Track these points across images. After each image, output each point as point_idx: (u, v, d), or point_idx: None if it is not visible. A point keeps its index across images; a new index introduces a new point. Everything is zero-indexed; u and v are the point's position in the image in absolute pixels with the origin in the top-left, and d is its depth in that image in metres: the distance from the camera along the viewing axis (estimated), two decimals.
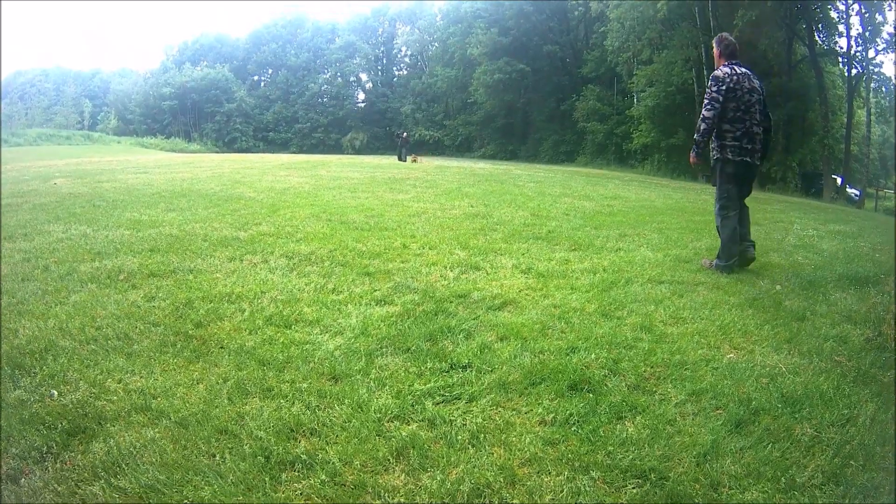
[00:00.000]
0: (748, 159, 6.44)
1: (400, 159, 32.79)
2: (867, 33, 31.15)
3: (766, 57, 33.74)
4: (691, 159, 6.77)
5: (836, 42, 33.86)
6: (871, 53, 31.59)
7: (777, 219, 12.47)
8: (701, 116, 6.36)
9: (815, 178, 32.92)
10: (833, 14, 33.06)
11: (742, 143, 6.37)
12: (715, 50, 6.69)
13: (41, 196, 10.17)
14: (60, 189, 11.24)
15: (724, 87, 6.23)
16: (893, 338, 4.47)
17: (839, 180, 32.66)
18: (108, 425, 2.88)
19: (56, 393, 3.15)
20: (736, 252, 6.48)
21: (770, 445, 2.94)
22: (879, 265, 7.47)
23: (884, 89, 33.04)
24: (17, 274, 5.23)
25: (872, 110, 33.36)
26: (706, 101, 6.33)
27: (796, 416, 3.23)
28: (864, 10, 30.89)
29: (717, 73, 6.36)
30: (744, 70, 6.39)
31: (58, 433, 2.79)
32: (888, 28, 30.91)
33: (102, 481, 2.49)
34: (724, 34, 6.89)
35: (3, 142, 43.40)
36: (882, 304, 5.46)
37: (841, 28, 32.86)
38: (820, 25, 33.52)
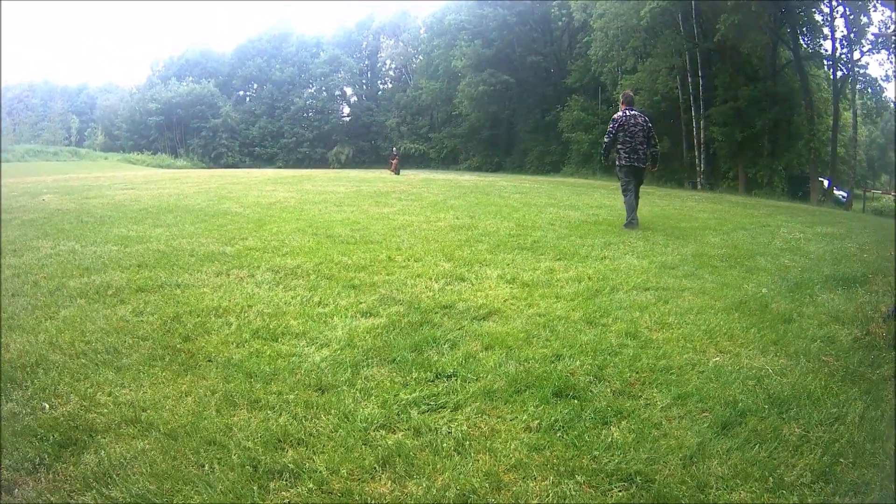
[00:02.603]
0: (635, 164, 10.43)
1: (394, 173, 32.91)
2: (852, 35, 31.16)
3: (750, 62, 33.82)
4: (603, 162, 12.14)
5: (821, 45, 33.73)
6: (857, 55, 31.70)
7: (764, 223, 12.55)
8: (603, 143, 10.88)
9: (802, 181, 32.83)
10: (817, 17, 32.93)
11: (630, 155, 10.39)
12: (621, 100, 10.94)
13: (30, 212, 10.17)
14: (49, 205, 11.22)
15: (616, 125, 10.36)
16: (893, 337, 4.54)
17: (826, 183, 32.60)
18: (99, 437, 2.92)
19: (47, 406, 3.19)
20: (633, 215, 10.36)
21: (757, 446, 2.98)
22: (867, 265, 7.57)
23: (870, 90, 33.02)
24: (8, 289, 5.25)
25: (858, 112, 33.40)
26: (606, 134, 10.53)
27: (784, 416, 3.29)
28: (848, 12, 30.95)
29: (615, 115, 10.56)
30: (633, 112, 10.48)
31: (50, 445, 2.83)
32: (873, 29, 31.05)
33: (94, 492, 2.52)
34: (627, 90, 11.89)
35: (1, 150, 42.72)
36: (870, 304, 5.53)
37: (826, 31, 32.83)
38: (804, 28, 33.34)
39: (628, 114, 10.44)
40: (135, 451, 2.80)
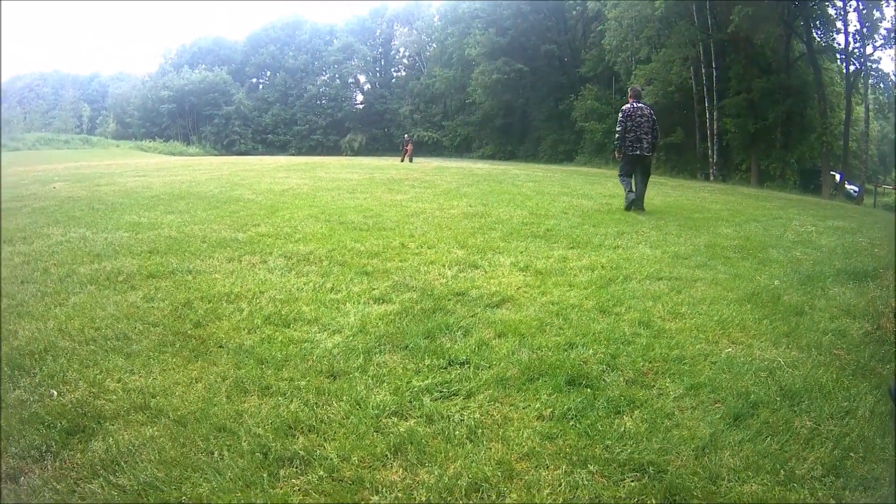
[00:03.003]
0: (637, 152, 11.20)
1: (402, 160, 32.81)
2: (865, 30, 30.89)
3: (763, 54, 33.57)
4: (616, 156, 11.97)
5: (834, 39, 33.45)
6: (869, 50, 31.42)
7: (776, 215, 12.43)
8: (616, 132, 11.45)
9: (814, 174, 32.59)
10: (831, 11, 32.64)
11: (634, 144, 11.18)
12: (629, 94, 11.71)
13: (40, 200, 10.19)
14: (59, 193, 11.25)
15: (625, 115, 11.17)
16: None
17: (838, 177, 32.32)
18: (108, 424, 2.89)
19: (55, 392, 3.17)
20: (630, 199, 11.05)
21: (769, 438, 2.94)
22: (878, 260, 7.48)
23: (882, 85, 32.78)
24: (17, 276, 5.24)
25: (871, 107, 33.11)
26: (617, 124, 11.33)
27: (795, 409, 3.25)
28: (861, 7, 30.64)
29: (624, 107, 11.34)
30: (640, 105, 11.36)
31: (57, 432, 2.81)
32: (886, 24, 30.77)
33: (101, 479, 2.50)
34: (635, 85, 14.12)
35: (2, 146, 43.11)
36: (881, 298, 5.48)
37: (839, 25, 32.56)
38: (818, 22, 33.06)
39: (635, 105, 11.36)
40: (143, 438, 2.78)
